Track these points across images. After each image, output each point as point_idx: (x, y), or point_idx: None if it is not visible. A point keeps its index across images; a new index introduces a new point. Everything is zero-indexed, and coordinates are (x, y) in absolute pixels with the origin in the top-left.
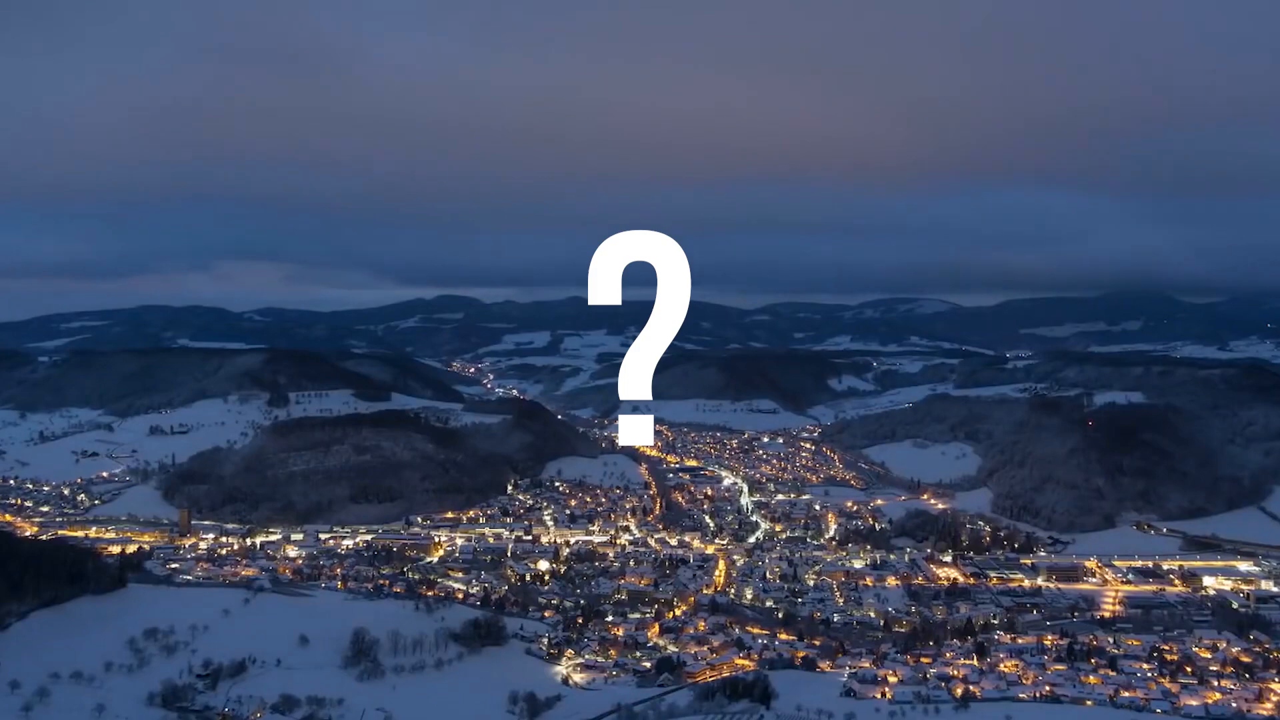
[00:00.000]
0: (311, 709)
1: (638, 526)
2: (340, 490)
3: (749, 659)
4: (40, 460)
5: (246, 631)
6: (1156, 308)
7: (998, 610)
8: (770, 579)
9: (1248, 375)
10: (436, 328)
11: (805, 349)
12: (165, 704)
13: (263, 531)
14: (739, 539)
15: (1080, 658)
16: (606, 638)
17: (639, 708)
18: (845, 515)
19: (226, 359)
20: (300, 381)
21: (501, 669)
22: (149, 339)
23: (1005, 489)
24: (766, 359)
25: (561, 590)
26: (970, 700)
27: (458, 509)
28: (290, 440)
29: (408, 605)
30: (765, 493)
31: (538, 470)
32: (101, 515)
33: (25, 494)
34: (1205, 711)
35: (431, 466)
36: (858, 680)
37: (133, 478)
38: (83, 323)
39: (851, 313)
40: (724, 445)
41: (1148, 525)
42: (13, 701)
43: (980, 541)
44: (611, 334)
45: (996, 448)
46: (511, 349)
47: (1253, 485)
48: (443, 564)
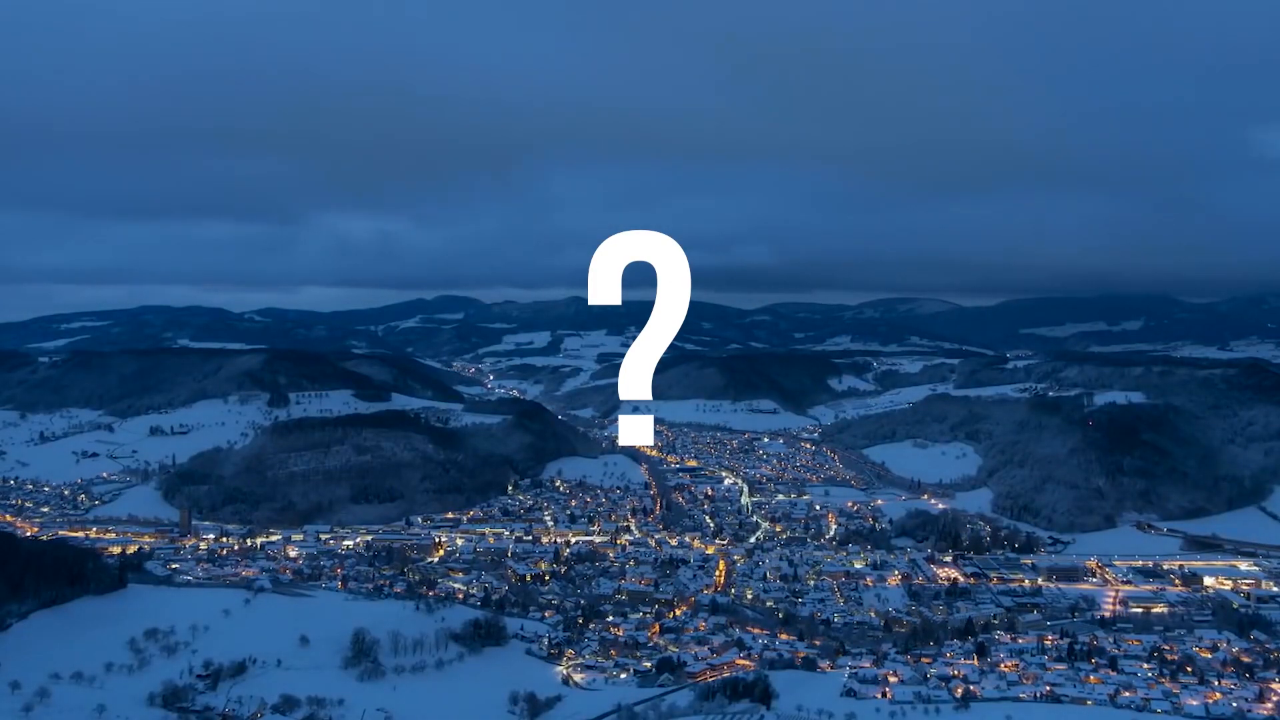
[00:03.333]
0: (312, 709)
1: (638, 527)
2: (340, 490)
3: (749, 659)
4: (40, 461)
5: (247, 632)
6: (1156, 308)
7: (998, 610)
8: (770, 579)
9: (1248, 375)
10: (436, 328)
11: (805, 349)
12: (165, 704)
13: (263, 532)
14: (739, 539)
15: (1080, 658)
16: (607, 638)
17: (639, 708)
18: (845, 515)
19: (226, 359)
20: (300, 382)
21: (502, 669)
22: (149, 339)
23: (1005, 489)
24: (766, 359)
25: (562, 590)
26: (970, 700)
27: (458, 509)
28: (290, 441)
29: (408, 605)
30: (765, 493)
31: (538, 470)
32: (102, 516)
33: (25, 494)
34: (1206, 711)
35: (432, 467)
36: (858, 680)
37: (133, 478)
38: (83, 323)
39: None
40: (724, 445)
41: (1148, 525)
42: (13, 701)
43: (980, 541)
44: (611, 334)
45: (996, 448)
46: (511, 349)
47: (1253, 485)
48: (443, 564)
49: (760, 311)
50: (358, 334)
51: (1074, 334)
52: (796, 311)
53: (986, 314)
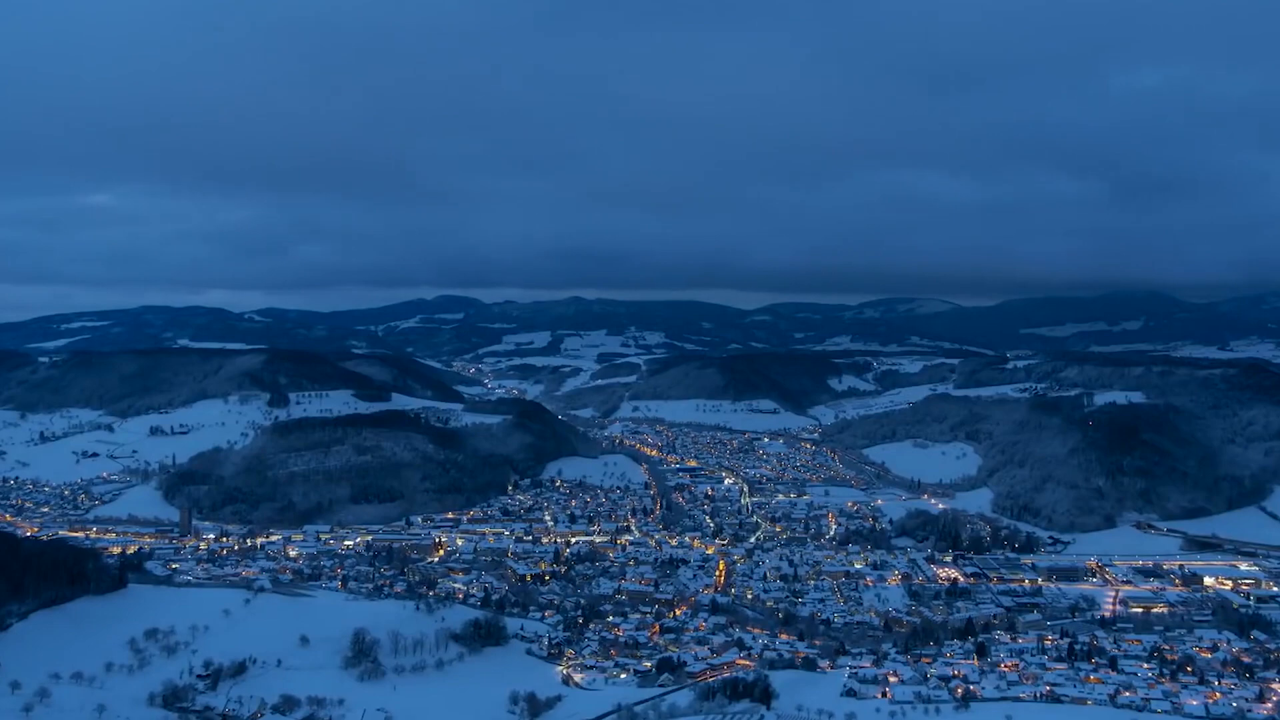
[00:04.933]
0: (312, 709)
1: (638, 527)
2: (341, 490)
3: (749, 659)
4: (41, 461)
5: (247, 632)
6: (1156, 308)
7: (998, 610)
8: (770, 579)
9: (1248, 375)
10: (437, 328)
11: (805, 349)
12: (166, 704)
13: (263, 532)
14: (739, 539)
15: (1080, 658)
16: (607, 638)
17: (639, 708)
18: (845, 515)
19: (227, 359)
20: (300, 382)
21: (502, 669)
22: (149, 339)
23: (1005, 489)
24: (766, 359)
25: (562, 590)
26: (970, 700)
27: (458, 509)
28: (290, 440)
29: (408, 605)
30: (765, 493)
31: (538, 470)
32: (102, 515)
33: (26, 494)
34: (1206, 711)
35: (432, 467)
36: (858, 680)
37: (133, 478)
38: (83, 323)
39: (851, 313)
40: (724, 445)
41: (1148, 525)
42: (13, 701)
43: (980, 541)
44: (612, 334)
45: (996, 448)
46: (512, 349)
47: (1253, 485)
48: (443, 564)
49: (760, 311)
50: (358, 334)
51: (1074, 334)
52: (796, 311)
53: (986, 314)
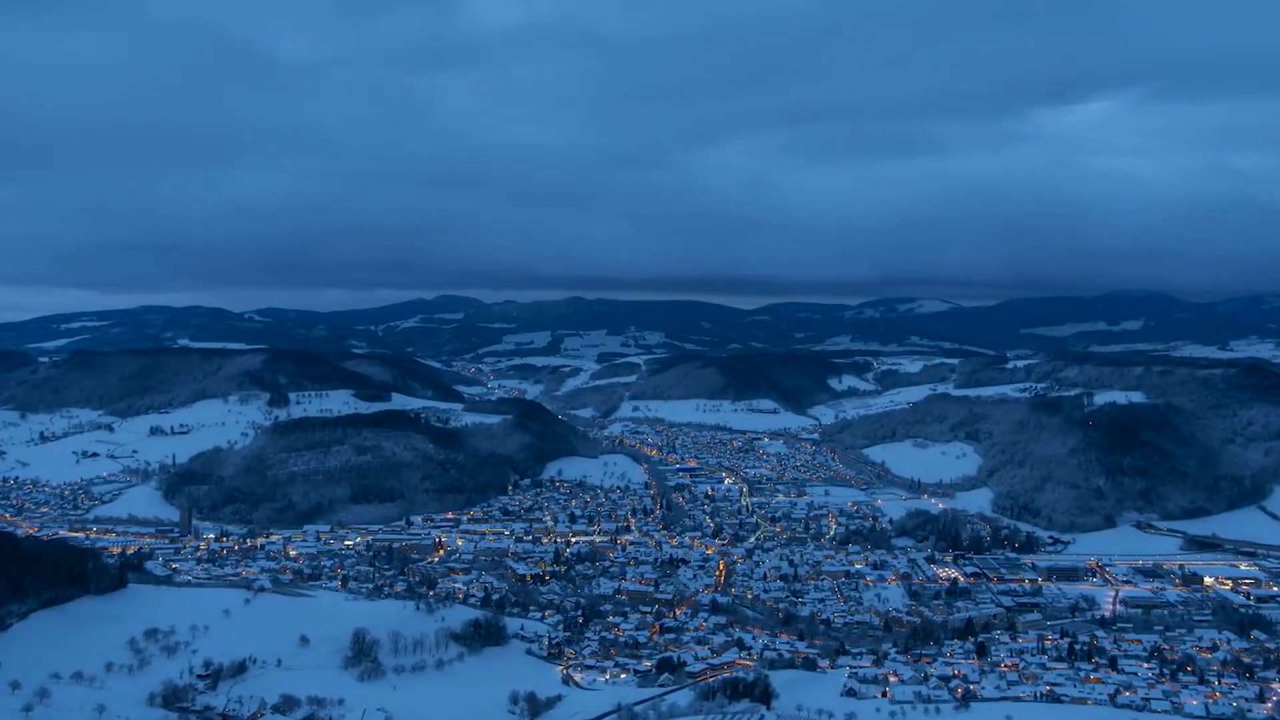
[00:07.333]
0: (312, 709)
1: (638, 527)
2: (341, 490)
3: (749, 659)
4: (41, 460)
5: (247, 632)
6: (1156, 308)
7: (998, 610)
8: (770, 579)
9: (1248, 375)
10: (437, 328)
11: (805, 349)
12: (166, 704)
13: (263, 532)
14: (739, 539)
15: (1080, 658)
16: (607, 638)
17: (639, 708)
18: (845, 515)
19: (227, 359)
20: (300, 382)
21: (502, 669)
22: (149, 339)
23: (1005, 489)
24: (766, 359)
25: (562, 590)
26: (970, 700)
27: (458, 509)
28: (290, 440)
29: (408, 605)
30: (765, 493)
31: (538, 470)
32: (102, 516)
33: (25, 494)
34: (1206, 711)
35: (432, 466)
36: (858, 680)
37: (133, 478)
38: (83, 323)
39: (851, 313)
40: (724, 445)
41: (1148, 525)
42: (13, 701)
43: (980, 541)
44: (611, 334)
45: (996, 448)
46: (512, 349)
47: (1253, 485)
48: (443, 564)
49: (760, 311)
50: (358, 334)
51: (1074, 334)
52: (796, 311)
53: (986, 314)
